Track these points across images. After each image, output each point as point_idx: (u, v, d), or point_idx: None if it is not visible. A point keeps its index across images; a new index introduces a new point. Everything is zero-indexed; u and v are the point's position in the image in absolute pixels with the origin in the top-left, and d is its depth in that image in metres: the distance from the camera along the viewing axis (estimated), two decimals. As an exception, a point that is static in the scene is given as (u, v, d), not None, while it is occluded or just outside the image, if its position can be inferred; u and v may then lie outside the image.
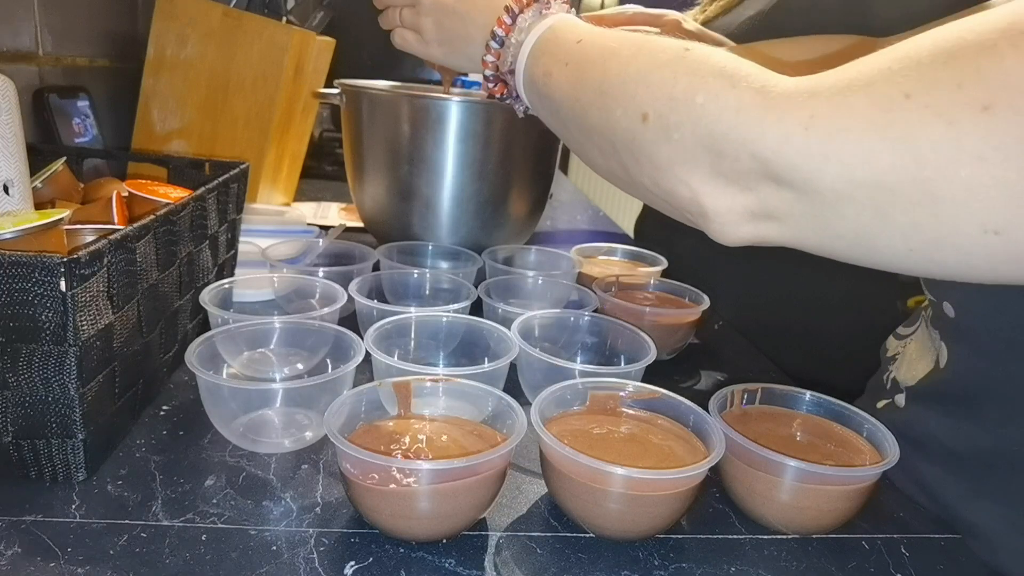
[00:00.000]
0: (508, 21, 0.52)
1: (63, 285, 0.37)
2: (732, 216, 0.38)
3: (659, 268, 0.82)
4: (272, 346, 0.55)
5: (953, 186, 0.31)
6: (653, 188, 0.42)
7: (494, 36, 0.52)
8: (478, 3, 0.55)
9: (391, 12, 0.62)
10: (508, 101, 0.56)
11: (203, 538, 0.39)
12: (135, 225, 0.45)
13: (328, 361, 0.54)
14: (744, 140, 0.36)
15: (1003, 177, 0.30)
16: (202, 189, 0.57)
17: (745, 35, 0.86)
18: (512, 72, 0.52)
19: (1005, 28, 0.30)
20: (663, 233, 1.06)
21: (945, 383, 0.53)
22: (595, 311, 0.65)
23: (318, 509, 0.42)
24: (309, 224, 0.95)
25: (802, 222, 0.36)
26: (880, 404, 0.60)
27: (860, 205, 0.33)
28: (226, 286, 0.61)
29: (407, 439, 0.44)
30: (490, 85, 0.55)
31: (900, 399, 0.57)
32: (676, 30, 0.81)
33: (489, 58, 0.53)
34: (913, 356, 0.57)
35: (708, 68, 0.38)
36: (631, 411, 0.49)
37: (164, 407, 0.52)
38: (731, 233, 0.39)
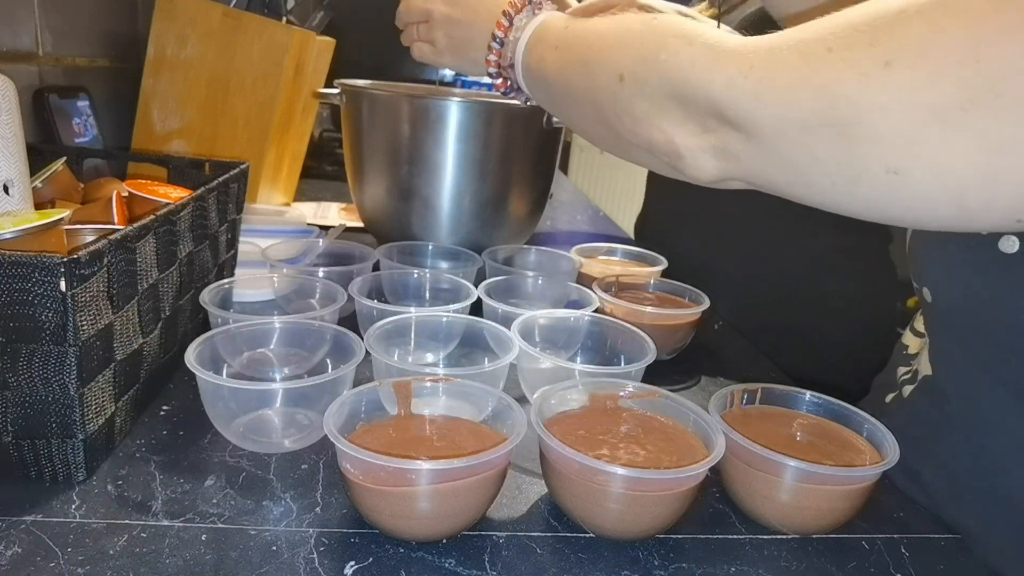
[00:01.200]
0: (506, 23, 0.58)
1: (63, 285, 0.37)
2: (701, 154, 0.43)
3: (659, 268, 0.82)
4: (272, 346, 0.55)
5: (861, 129, 0.35)
6: (635, 140, 0.47)
7: (494, 37, 0.59)
8: (480, 12, 0.62)
9: (410, 29, 0.70)
10: (511, 94, 0.62)
11: (203, 538, 0.39)
12: (135, 225, 0.45)
13: (328, 361, 0.54)
14: (700, 87, 0.41)
15: (900, 125, 0.34)
16: (202, 189, 0.57)
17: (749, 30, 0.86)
18: (512, 66, 0.59)
19: None
20: (663, 233, 1.06)
21: (931, 375, 0.53)
22: (595, 311, 0.65)
23: (318, 509, 0.42)
24: (309, 224, 0.95)
25: (751, 159, 0.41)
26: (888, 398, 0.60)
27: (792, 143, 0.38)
28: (226, 286, 0.61)
29: (407, 439, 0.44)
30: (494, 81, 0.62)
31: (907, 390, 0.58)
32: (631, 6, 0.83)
33: (491, 57, 0.60)
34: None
35: (669, 30, 0.44)
36: (631, 411, 0.49)
37: (164, 407, 0.52)
38: (702, 168, 0.44)
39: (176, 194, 0.56)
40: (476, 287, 0.67)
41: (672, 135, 0.44)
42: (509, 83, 0.61)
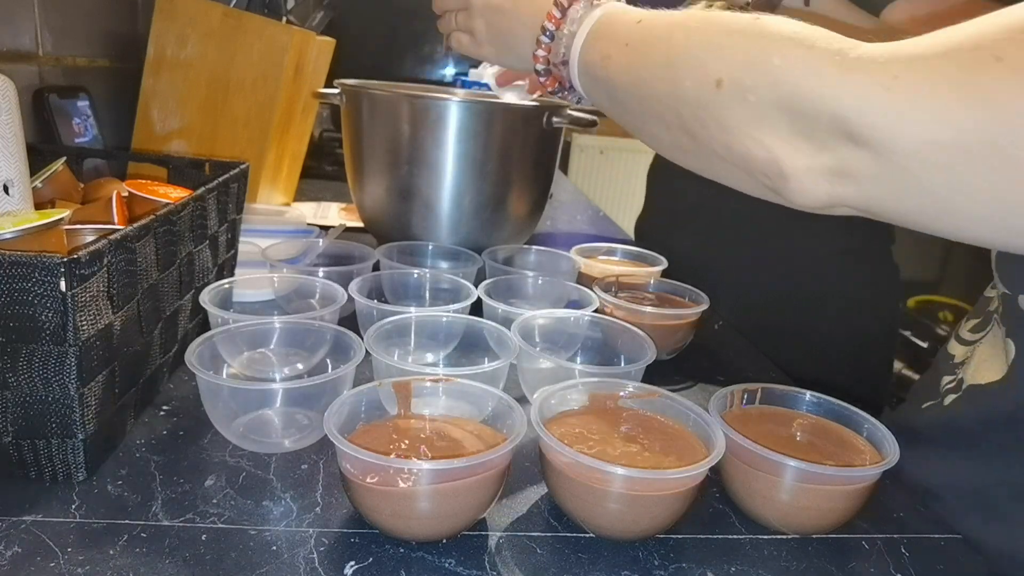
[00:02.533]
0: (558, 15, 0.52)
1: (63, 285, 0.37)
2: (810, 175, 0.39)
3: (659, 268, 0.82)
4: (272, 346, 0.55)
5: None
6: (725, 154, 0.42)
7: (544, 30, 0.53)
8: (525, 1, 0.56)
9: (447, 17, 0.65)
10: (560, 94, 0.57)
11: (203, 538, 0.39)
12: (135, 225, 0.45)
13: (328, 361, 0.54)
14: (823, 98, 0.36)
15: None
16: (202, 189, 0.57)
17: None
18: (565, 63, 0.53)
19: None
20: (663, 233, 1.06)
21: (1010, 382, 0.50)
22: (595, 311, 0.65)
23: (318, 509, 0.42)
24: (309, 224, 0.95)
25: (878, 183, 0.36)
26: (925, 405, 0.58)
27: (937, 167, 0.33)
28: (226, 286, 0.61)
29: (407, 439, 0.44)
30: (541, 79, 0.56)
31: (950, 398, 0.55)
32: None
33: (540, 52, 0.54)
34: (983, 357, 0.55)
35: (781, 33, 0.39)
36: (631, 411, 0.49)
37: (164, 407, 0.52)
38: (810, 192, 0.39)
39: (176, 194, 0.56)
40: (476, 287, 0.67)
41: (777, 152, 0.39)
42: (559, 81, 0.56)
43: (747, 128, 0.40)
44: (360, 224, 0.93)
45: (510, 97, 0.83)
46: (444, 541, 0.41)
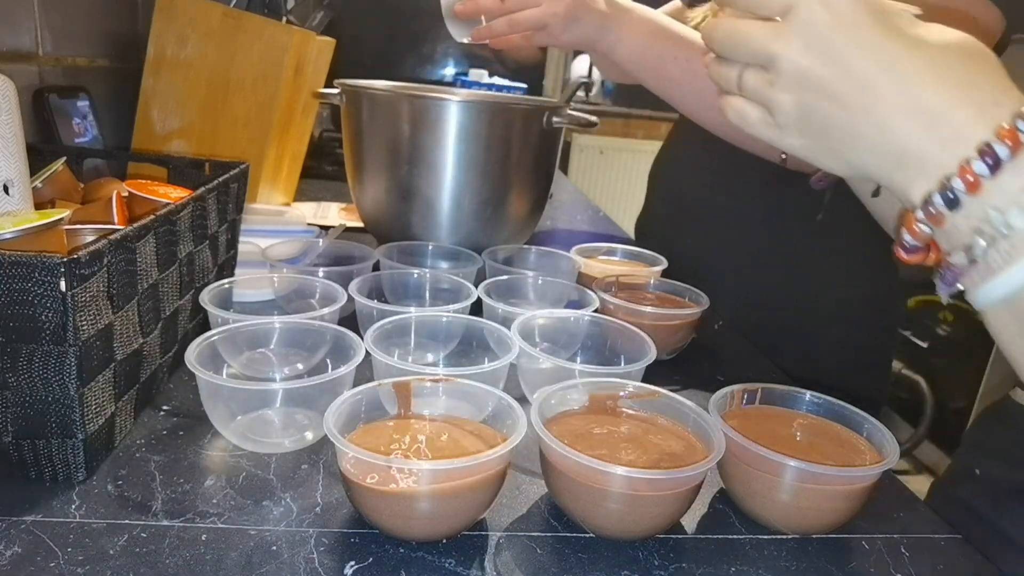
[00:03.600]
0: (983, 171, 0.31)
1: (63, 285, 0.37)
2: None
3: (659, 268, 0.82)
4: (272, 346, 0.55)
5: None
6: None
7: (945, 189, 0.32)
8: (886, 97, 0.34)
9: (726, 69, 0.41)
10: (916, 253, 0.37)
11: (203, 538, 0.39)
12: (135, 225, 0.45)
13: (328, 361, 0.54)
14: None
15: None
16: (202, 189, 0.57)
17: None
18: (974, 263, 0.33)
19: None
20: (663, 233, 1.06)
21: None
22: (595, 311, 0.65)
23: (318, 509, 0.42)
24: (309, 224, 0.95)
25: None
26: None
27: None
28: (226, 286, 0.61)
29: (407, 439, 0.44)
30: (904, 250, 0.37)
31: None
32: None
33: (920, 220, 0.34)
34: None
35: None
36: (631, 411, 0.49)
37: (164, 407, 0.52)
38: None
39: (176, 194, 0.56)
40: (476, 287, 0.67)
41: None
42: (936, 264, 0.36)
43: None
44: (360, 224, 0.93)
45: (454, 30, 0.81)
46: (444, 541, 0.41)
